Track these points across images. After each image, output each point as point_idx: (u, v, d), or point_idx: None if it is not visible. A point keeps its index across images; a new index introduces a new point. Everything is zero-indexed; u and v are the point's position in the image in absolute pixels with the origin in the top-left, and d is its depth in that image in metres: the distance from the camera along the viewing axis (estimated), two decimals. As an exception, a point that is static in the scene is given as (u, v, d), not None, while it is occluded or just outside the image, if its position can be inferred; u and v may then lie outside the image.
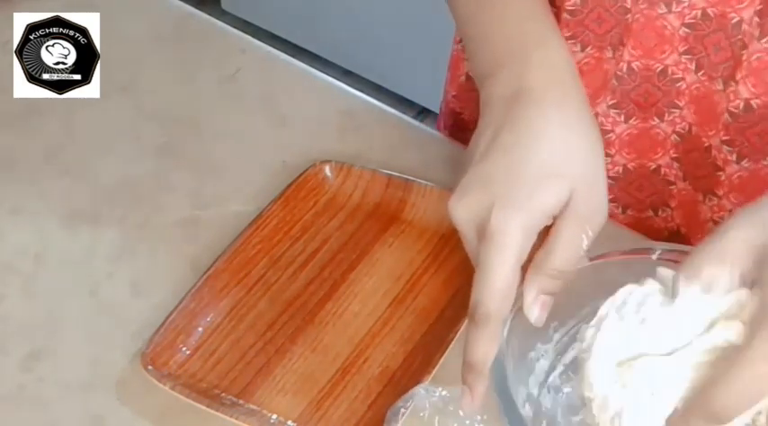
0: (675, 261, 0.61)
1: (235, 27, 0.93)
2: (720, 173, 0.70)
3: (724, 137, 0.68)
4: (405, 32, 1.94)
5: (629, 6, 0.67)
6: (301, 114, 0.83)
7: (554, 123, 0.60)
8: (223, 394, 0.64)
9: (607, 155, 0.72)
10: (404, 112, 0.85)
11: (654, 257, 0.61)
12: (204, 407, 0.62)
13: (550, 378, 0.61)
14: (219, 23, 0.93)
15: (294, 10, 2.11)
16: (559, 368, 0.62)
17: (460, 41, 0.81)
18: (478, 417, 0.60)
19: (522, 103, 0.61)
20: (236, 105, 0.84)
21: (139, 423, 0.64)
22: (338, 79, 0.88)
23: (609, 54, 0.69)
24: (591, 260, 0.61)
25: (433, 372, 0.63)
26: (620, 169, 0.75)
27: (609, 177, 0.69)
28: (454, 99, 0.84)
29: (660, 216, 0.77)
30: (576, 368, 0.61)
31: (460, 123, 0.84)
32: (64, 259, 0.73)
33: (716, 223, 0.72)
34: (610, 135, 0.73)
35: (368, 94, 0.86)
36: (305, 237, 0.73)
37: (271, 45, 0.91)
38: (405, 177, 0.75)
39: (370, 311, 0.69)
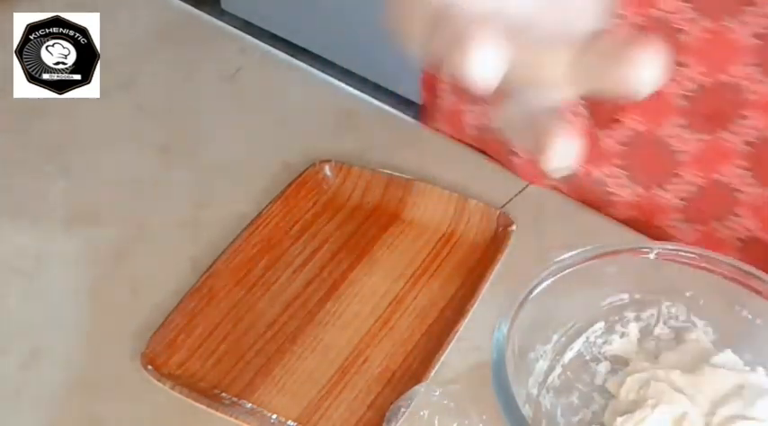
0: (673, 260, 0.61)
1: (234, 27, 0.93)
2: None
3: None
4: (405, 32, 1.93)
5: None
6: (301, 114, 0.83)
7: None
8: (223, 394, 0.64)
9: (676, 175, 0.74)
10: (404, 112, 0.85)
11: (651, 256, 0.62)
12: (204, 407, 0.62)
13: (549, 379, 0.61)
14: (219, 23, 0.93)
15: (294, 10, 2.11)
16: (558, 369, 0.62)
17: None
18: (477, 417, 0.60)
19: None
20: (236, 105, 0.84)
21: (139, 423, 0.64)
22: (338, 79, 0.88)
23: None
24: (588, 259, 0.61)
25: (433, 372, 0.63)
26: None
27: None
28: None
29: (726, 224, 0.74)
30: (573, 368, 0.61)
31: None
32: (64, 259, 0.73)
33: None
34: None
35: (368, 94, 0.86)
36: (305, 237, 0.73)
37: (271, 45, 0.91)
38: (404, 177, 0.75)
39: (369, 311, 0.69)
